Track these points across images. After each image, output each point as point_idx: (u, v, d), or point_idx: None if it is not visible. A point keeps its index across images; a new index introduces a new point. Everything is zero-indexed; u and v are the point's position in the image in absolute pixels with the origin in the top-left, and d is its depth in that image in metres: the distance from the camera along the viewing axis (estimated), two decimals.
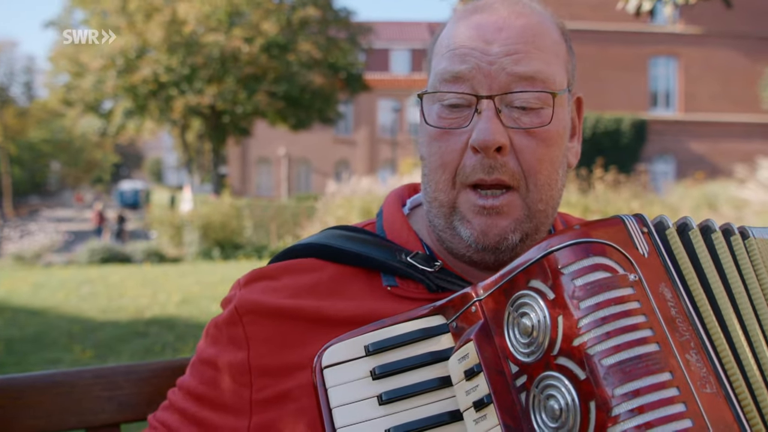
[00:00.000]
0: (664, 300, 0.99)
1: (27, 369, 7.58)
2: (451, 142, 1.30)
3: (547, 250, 1.02)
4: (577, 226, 1.04)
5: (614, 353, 0.93)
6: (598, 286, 0.97)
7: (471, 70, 1.27)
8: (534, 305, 1.01)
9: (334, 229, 1.45)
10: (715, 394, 0.94)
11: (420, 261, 1.33)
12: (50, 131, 61.82)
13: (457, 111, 1.30)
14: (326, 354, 1.14)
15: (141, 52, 29.94)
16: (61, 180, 78.93)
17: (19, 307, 11.77)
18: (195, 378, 1.40)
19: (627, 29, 34.69)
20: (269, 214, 22.76)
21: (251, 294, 1.36)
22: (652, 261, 1.02)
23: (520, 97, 1.27)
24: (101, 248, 20.37)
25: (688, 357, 0.95)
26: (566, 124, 1.35)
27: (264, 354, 1.31)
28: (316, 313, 1.31)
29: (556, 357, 0.96)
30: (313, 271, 1.37)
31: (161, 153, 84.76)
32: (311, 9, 32.47)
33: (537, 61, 1.27)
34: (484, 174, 1.27)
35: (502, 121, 1.26)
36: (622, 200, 17.93)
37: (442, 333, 1.14)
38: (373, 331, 1.15)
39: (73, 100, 32.72)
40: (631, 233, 1.03)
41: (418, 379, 1.11)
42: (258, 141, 47.50)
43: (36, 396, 1.74)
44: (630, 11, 6.56)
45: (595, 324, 0.95)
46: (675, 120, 36.76)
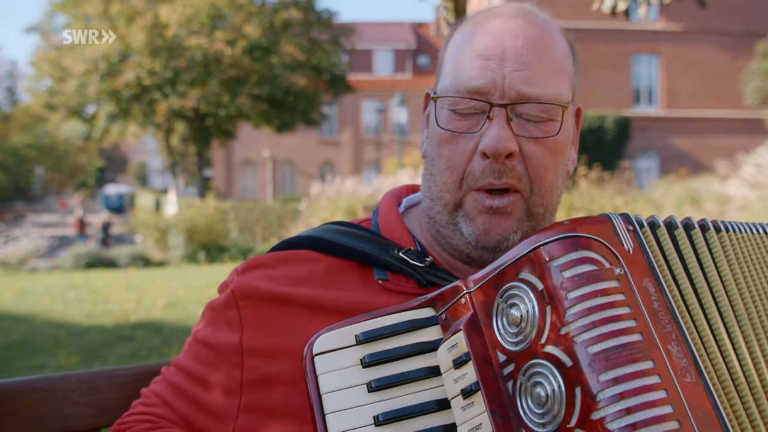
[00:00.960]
0: (648, 294, 1.03)
1: (12, 375, 7.54)
2: (460, 145, 1.35)
3: (537, 244, 1.06)
4: (566, 221, 1.09)
5: (599, 342, 0.97)
6: (585, 278, 1.02)
7: (487, 85, 1.31)
8: (523, 296, 1.05)
9: (332, 224, 1.50)
10: (694, 383, 0.99)
11: (411, 256, 1.37)
12: (34, 136, 61.45)
13: (468, 117, 1.34)
14: (317, 342, 1.18)
15: (123, 56, 29.83)
16: (45, 185, 78.46)
17: (4, 313, 11.71)
18: (189, 357, 1.44)
19: (609, 27, 34.83)
20: (254, 217, 22.74)
21: (249, 279, 1.40)
22: (636, 257, 1.07)
23: (530, 112, 1.32)
24: (86, 253, 20.27)
25: (670, 348, 1.00)
26: (570, 134, 1.40)
27: (256, 336, 1.35)
28: (309, 301, 1.35)
29: (544, 345, 1.01)
30: (308, 261, 1.41)
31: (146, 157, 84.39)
32: (293, 11, 32.45)
33: (545, 82, 1.31)
34: (493, 178, 1.32)
35: (512, 128, 1.31)
36: (606, 197, 17.99)
37: (431, 325, 1.18)
38: (364, 321, 1.19)
39: (56, 105, 32.56)
40: (618, 230, 1.08)
41: (407, 368, 1.15)
42: (242, 143, 47.36)
43: (16, 402, 1.74)
44: (605, 11, 6.60)
45: (582, 314, 0.99)
46: (658, 116, 36.95)
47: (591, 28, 34.91)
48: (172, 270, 18.19)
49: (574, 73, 1.42)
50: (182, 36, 29.75)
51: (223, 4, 30.45)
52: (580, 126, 1.50)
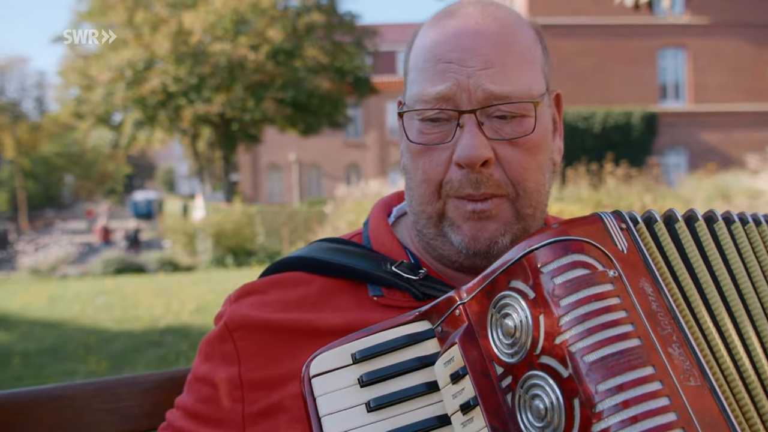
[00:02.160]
0: (645, 295, 0.99)
1: (43, 381, 7.63)
2: (434, 157, 1.30)
3: (526, 250, 1.02)
4: (556, 224, 1.05)
5: (596, 349, 0.93)
6: (577, 283, 0.97)
7: (451, 88, 1.26)
8: (516, 305, 1.01)
9: (322, 242, 1.47)
10: (699, 386, 0.95)
11: (404, 270, 1.34)
12: (63, 144, 62.18)
13: (437, 125, 1.29)
14: (314, 363, 1.15)
15: (149, 64, 30.05)
16: (74, 193, 79.34)
17: (36, 320, 11.85)
18: (191, 396, 1.42)
19: (633, 22, 34.55)
20: (281, 220, 22.82)
21: (241, 309, 1.38)
22: (631, 257, 1.02)
23: (500, 109, 1.27)
24: (115, 259, 20.47)
25: (671, 351, 0.95)
26: (548, 127, 1.35)
27: (254, 368, 1.33)
28: (304, 326, 1.32)
29: (539, 356, 0.97)
30: (300, 284, 1.39)
31: (173, 162, 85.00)
32: (316, 14, 32.49)
33: (512, 77, 1.26)
34: (472, 189, 1.27)
35: (485, 133, 1.26)
36: (634, 194, 17.83)
37: (428, 338, 1.14)
38: (360, 338, 1.15)
39: (84, 113, 32.88)
40: (610, 230, 1.04)
41: (406, 384, 1.11)
42: (268, 147, 47.54)
43: (38, 410, 1.75)
44: (628, 5, 6.53)
45: (576, 321, 0.95)
46: (685, 111, 36.58)
47: (615, 24, 34.68)
48: (200, 275, 18.32)
49: (545, 62, 1.37)
50: (206, 42, 29.91)
51: (246, 10, 30.57)
52: (561, 112, 1.45)
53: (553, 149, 1.40)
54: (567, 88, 34.80)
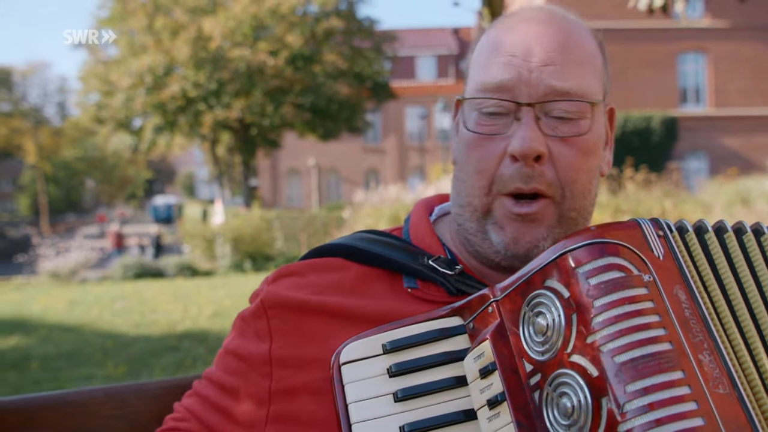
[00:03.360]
0: (678, 301, 1.00)
1: (61, 385, 7.68)
2: (489, 148, 1.32)
3: (563, 250, 1.03)
4: (593, 227, 1.06)
5: (626, 351, 0.94)
6: (612, 285, 0.98)
7: (512, 79, 1.28)
8: (549, 304, 1.02)
9: (363, 233, 1.49)
10: (728, 395, 0.95)
11: (441, 264, 1.35)
12: (84, 149, 62.73)
13: (495, 118, 1.31)
14: (345, 351, 1.17)
15: (169, 70, 30.26)
16: (96, 197, 79.96)
17: (55, 324, 11.94)
18: (220, 368, 1.44)
19: (653, 26, 34.39)
20: (299, 225, 22.87)
21: (278, 289, 1.40)
22: (666, 263, 1.03)
23: (559, 107, 1.28)
24: (135, 264, 20.59)
25: (701, 357, 0.95)
26: (602, 133, 1.37)
27: (285, 346, 1.35)
28: (338, 309, 1.34)
29: (570, 354, 0.98)
30: (338, 270, 1.40)
31: (193, 167, 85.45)
32: (335, 20, 32.59)
33: (574, 75, 1.29)
34: (522, 183, 1.28)
35: (541, 129, 1.28)
36: (654, 199, 17.76)
37: (458, 334, 1.15)
38: (391, 330, 1.17)
39: (104, 118, 33.15)
40: (647, 236, 1.05)
41: (434, 377, 1.13)
42: (287, 152, 47.72)
43: (47, 415, 1.77)
44: (641, 9, 6.50)
45: (609, 322, 0.96)
46: (706, 116, 36.35)
47: (635, 28, 34.54)
48: (218, 279, 18.39)
49: (605, 73, 1.39)
50: (225, 48, 30.08)
51: (265, 16, 30.73)
52: (614, 127, 1.47)
53: (602, 159, 1.41)
54: None
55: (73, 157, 63.11)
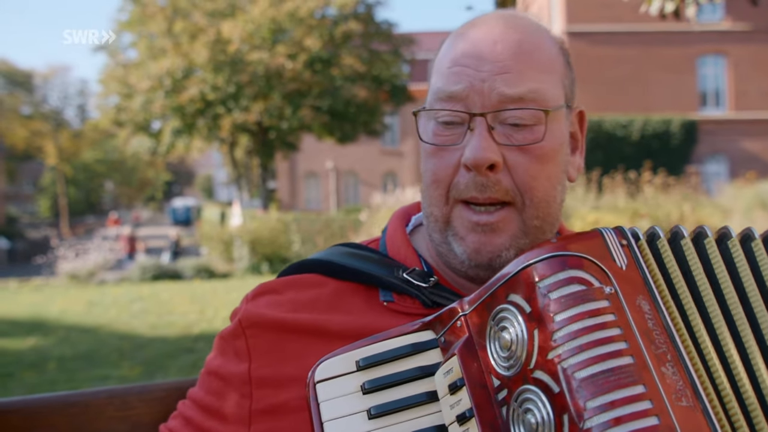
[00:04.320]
0: (641, 312, 0.98)
1: (77, 386, 7.74)
2: (445, 158, 1.32)
3: (525, 264, 1.02)
4: (554, 239, 1.05)
5: (587, 366, 0.93)
6: (572, 299, 0.97)
7: (465, 89, 1.28)
8: (512, 319, 1.01)
9: (340, 246, 1.49)
10: (691, 407, 0.93)
11: (415, 277, 1.35)
12: (104, 151, 63.14)
13: (451, 128, 1.31)
14: (319, 369, 1.16)
15: (187, 73, 30.39)
16: (115, 199, 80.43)
17: (73, 325, 12.03)
18: (202, 388, 1.45)
19: (672, 29, 34.16)
20: (316, 228, 22.88)
21: (256, 308, 1.41)
22: (629, 274, 1.02)
23: (513, 115, 1.27)
24: (153, 265, 20.69)
25: (664, 370, 0.94)
26: (563, 139, 1.35)
27: (264, 365, 1.36)
28: (315, 327, 1.34)
29: (533, 370, 0.97)
30: (315, 286, 1.41)
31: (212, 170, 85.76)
32: (353, 23, 32.60)
33: (529, 80, 1.27)
34: (476, 192, 1.29)
35: (494, 138, 1.27)
36: (672, 203, 17.63)
37: (431, 348, 1.15)
38: (365, 346, 1.17)
39: (124, 121, 33.31)
40: (609, 246, 1.03)
41: (407, 393, 1.12)
42: (305, 155, 47.78)
43: (50, 417, 1.78)
44: (653, 13, 6.46)
45: (569, 337, 0.95)
46: (726, 119, 36.03)
47: (654, 31, 34.33)
48: (235, 282, 18.45)
49: (568, 76, 1.37)
50: (244, 51, 30.17)
51: (283, 19, 30.79)
52: (585, 130, 1.45)
53: (570, 165, 1.40)
54: (605, 95, 34.55)
55: (92, 159, 63.55)
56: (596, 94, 34.46)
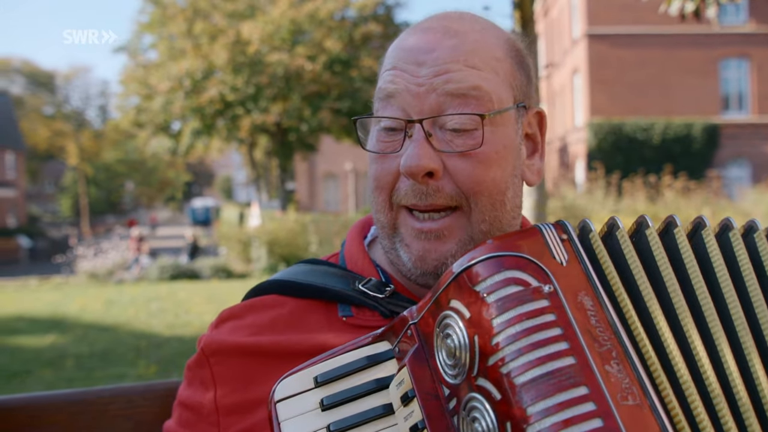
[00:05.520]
0: (583, 309, 0.95)
1: (93, 384, 7.78)
2: (386, 164, 1.30)
3: (463, 267, 1.00)
4: (490, 240, 1.02)
5: (527, 370, 0.90)
6: (510, 300, 0.94)
7: (400, 91, 1.26)
8: (455, 325, 0.99)
9: (301, 264, 1.48)
10: (638, 405, 0.90)
11: (372, 288, 1.34)
12: (124, 152, 63.60)
13: (392, 134, 1.29)
14: (278, 388, 1.15)
15: (207, 74, 30.51)
16: (135, 199, 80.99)
17: (91, 323, 12.12)
18: (174, 420, 1.45)
19: (694, 32, 33.91)
20: (334, 229, 22.90)
21: (219, 335, 1.40)
22: (570, 270, 0.99)
23: (452, 119, 1.24)
24: (171, 265, 20.80)
25: (608, 368, 0.91)
26: (510, 142, 1.30)
27: (229, 392, 1.34)
28: (276, 348, 1.33)
29: (476, 378, 0.94)
30: (273, 307, 1.40)
31: (231, 171, 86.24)
32: (373, 24, 32.63)
33: (469, 77, 1.24)
34: (416, 199, 1.26)
35: (433, 144, 1.24)
36: (693, 207, 17.54)
37: (387, 359, 1.13)
38: (323, 361, 1.15)
39: (144, 122, 33.52)
40: (549, 242, 1.01)
41: (365, 407, 1.10)
42: (324, 156, 47.88)
43: (55, 414, 1.79)
44: (672, 13, 6.40)
45: (508, 341, 0.92)
46: (749, 123, 35.72)
47: (676, 33, 34.10)
48: (252, 282, 18.47)
49: (517, 77, 1.33)
50: (264, 52, 30.26)
51: (303, 20, 30.87)
52: (544, 131, 1.41)
53: (528, 167, 1.37)
54: (626, 98, 34.38)
55: (113, 159, 64.06)
56: (617, 97, 34.29)
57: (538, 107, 1.39)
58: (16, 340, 10.86)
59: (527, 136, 1.38)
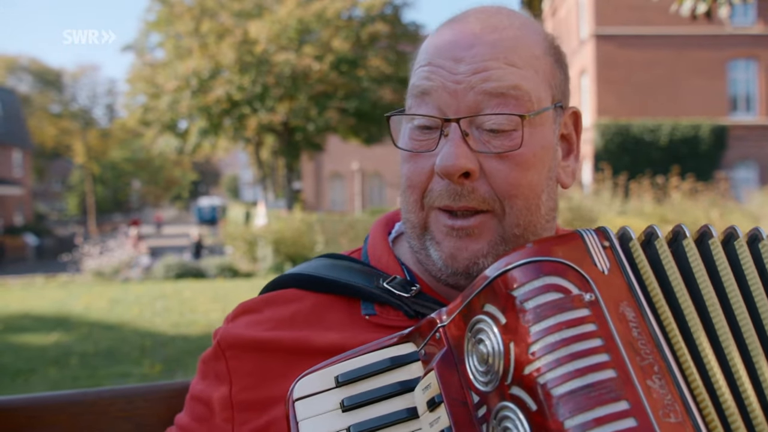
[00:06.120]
0: (625, 320, 0.92)
1: (98, 383, 7.78)
2: (419, 164, 1.26)
3: (500, 271, 0.96)
4: (530, 244, 0.98)
5: (566, 381, 0.86)
6: (549, 308, 0.91)
7: (437, 88, 1.22)
8: (489, 331, 0.95)
9: (321, 258, 1.44)
10: (680, 423, 0.86)
11: (397, 286, 1.30)
12: (131, 150, 63.78)
13: (426, 132, 1.25)
14: (297, 386, 1.12)
15: (214, 73, 30.53)
16: (142, 198, 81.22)
17: (96, 321, 12.13)
18: (187, 414, 1.42)
19: (703, 33, 33.82)
20: (340, 229, 22.89)
21: (235, 329, 1.36)
22: (612, 278, 0.95)
23: (490, 119, 1.20)
24: (177, 264, 20.81)
25: (650, 383, 0.88)
26: (548, 143, 1.26)
27: (245, 388, 1.31)
28: (294, 344, 1.29)
29: (510, 386, 0.91)
30: (293, 301, 1.36)
31: (237, 170, 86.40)
32: (380, 24, 32.62)
33: (509, 76, 1.20)
34: (450, 201, 1.22)
35: (469, 144, 1.20)
36: (700, 209, 17.48)
37: (412, 361, 1.10)
38: (344, 361, 1.12)
39: (151, 121, 33.57)
40: (590, 249, 0.97)
41: (387, 410, 1.07)
42: (331, 156, 47.93)
43: (55, 415, 1.76)
44: (684, 14, 6.35)
45: (546, 350, 0.88)
46: (757, 124, 35.62)
47: (684, 34, 34.03)
48: (258, 281, 18.50)
49: (556, 76, 1.29)
50: (271, 52, 30.27)
51: (311, 20, 30.87)
52: (580, 132, 1.37)
53: (563, 169, 1.34)
54: (633, 99, 34.31)
55: (120, 158, 64.27)
56: (624, 98, 34.23)
57: (574, 107, 1.36)
58: (21, 338, 10.88)
59: (563, 136, 1.34)
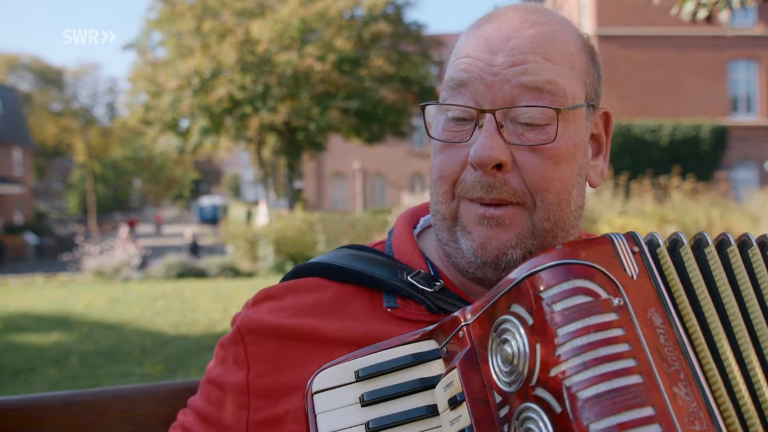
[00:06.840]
0: (653, 326, 0.92)
1: (98, 382, 7.78)
2: (452, 155, 1.26)
3: (528, 272, 0.97)
4: (560, 246, 0.98)
5: (592, 385, 0.87)
6: (577, 311, 0.91)
7: (473, 80, 1.22)
8: (514, 331, 0.96)
9: (344, 248, 1.44)
10: (705, 431, 0.87)
11: (420, 281, 1.30)
12: (132, 149, 63.74)
13: (461, 124, 1.25)
14: (317, 379, 1.12)
15: (215, 72, 30.48)
16: (143, 197, 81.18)
17: (96, 321, 12.12)
18: (201, 397, 1.42)
19: (703, 33, 33.79)
20: (342, 228, 22.88)
21: (256, 314, 1.36)
22: (641, 283, 0.95)
23: (525, 112, 1.20)
24: (177, 263, 20.79)
25: (676, 390, 0.88)
26: (580, 140, 1.27)
27: (263, 374, 1.31)
28: (314, 333, 1.29)
29: (534, 388, 0.91)
30: (316, 290, 1.36)
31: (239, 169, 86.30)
32: (383, 24, 32.54)
33: (545, 71, 1.20)
34: (483, 192, 1.22)
35: (504, 136, 1.20)
36: (701, 209, 17.43)
37: (433, 358, 1.10)
38: (365, 355, 1.12)
39: (152, 120, 33.52)
40: (620, 253, 0.97)
41: (407, 406, 1.07)
42: (333, 155, 47.87)
43: (54, 415, 1.77)
44: (685, 17, 6.34)
45: (573, 353, 0.89)
46: (757, 125, 35.61)
47: (685, 35, 34.01)
48: (259, 280, 18.50)
49: (590, 74, 1.30)
50: (273, 51, 30.22)
51: (313, 19, 30.81)
52: (610, 133, 1.38)
53: (592, 167, 1.34)
54: (634, 99, 34.28)
55: (121, 156, 64.24)
56: (625, 98, 34.19)
57: (606, 108, 1.36)
58: (21, 338, 10.87)
59: (593, 136, 1.35)
